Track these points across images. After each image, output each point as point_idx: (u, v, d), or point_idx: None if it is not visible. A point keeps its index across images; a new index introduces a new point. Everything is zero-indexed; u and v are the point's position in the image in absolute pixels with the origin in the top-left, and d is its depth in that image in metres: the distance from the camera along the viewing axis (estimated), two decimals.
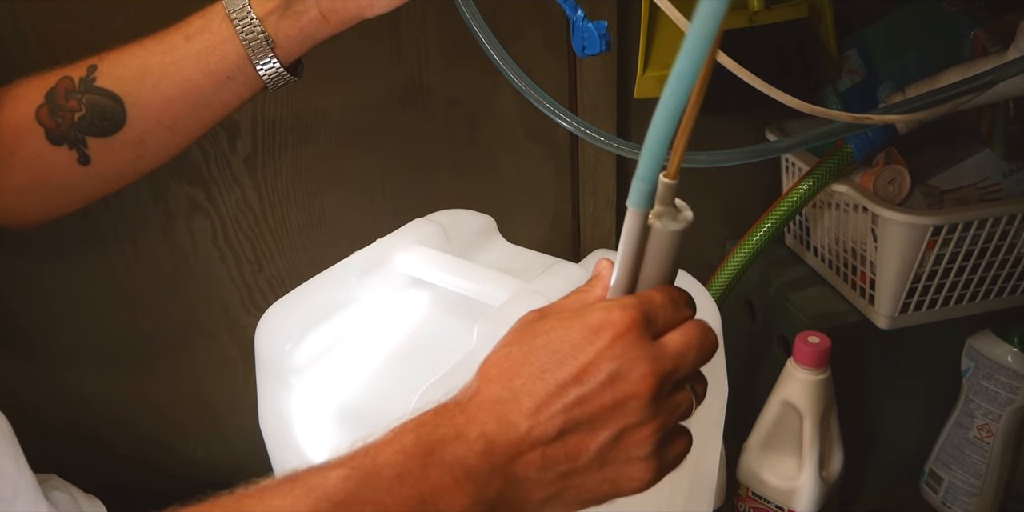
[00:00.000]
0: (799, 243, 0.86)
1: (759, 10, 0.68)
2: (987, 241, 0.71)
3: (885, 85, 0.79)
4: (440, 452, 0.36)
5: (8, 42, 0.65)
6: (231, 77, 0.56)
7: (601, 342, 0.37)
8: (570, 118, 0.58)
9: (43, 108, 0.56)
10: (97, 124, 0.56)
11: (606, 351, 0.37)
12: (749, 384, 0.85)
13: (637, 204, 0.36)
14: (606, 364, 0.37)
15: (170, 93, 0.56)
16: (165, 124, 0.57)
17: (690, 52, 0.30)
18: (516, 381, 0.38)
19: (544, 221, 0.90)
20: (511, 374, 0.38)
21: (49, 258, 0.74)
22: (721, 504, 0.80)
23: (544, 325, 0.39)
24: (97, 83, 0.55)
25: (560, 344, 0.38)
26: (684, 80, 0.31)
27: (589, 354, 0.37)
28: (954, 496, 0.82)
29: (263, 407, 0.57)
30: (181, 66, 0.55)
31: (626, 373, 0.37)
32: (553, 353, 0.38)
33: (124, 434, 0.83)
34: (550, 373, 0.37)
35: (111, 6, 0.66)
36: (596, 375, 0.37)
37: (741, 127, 0.82)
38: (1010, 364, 0.75)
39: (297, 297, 0.55)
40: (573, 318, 0.39)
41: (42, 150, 0.56)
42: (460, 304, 0.56)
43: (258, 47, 0.55)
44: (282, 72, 0.56)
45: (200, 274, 0.79)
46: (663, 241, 0.38)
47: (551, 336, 0.39)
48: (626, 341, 0.37)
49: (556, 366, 0.37)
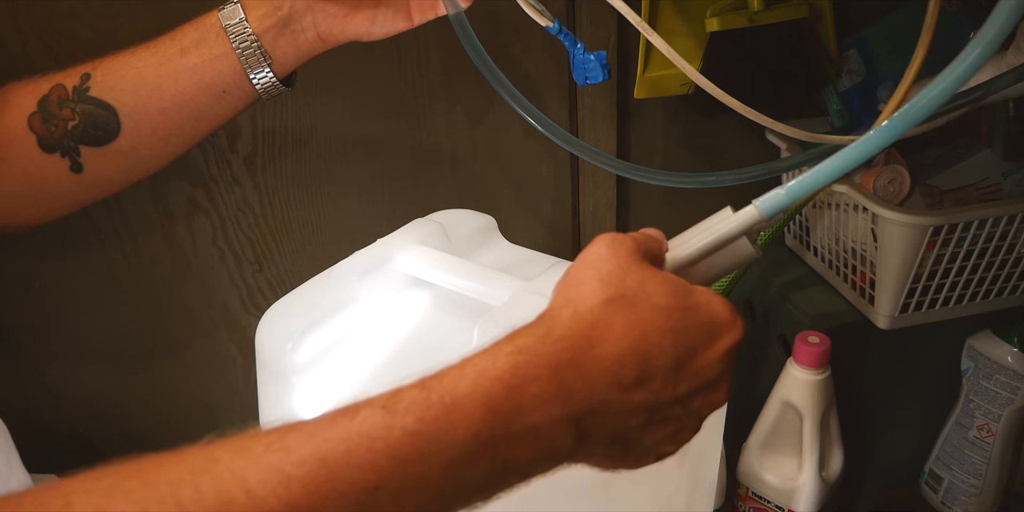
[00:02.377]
0: (799, 243, 0.86)
1: (759, 10, 0.68)
2: (987, 241, 0.71)
3: (885, 85, 0.78)
4: (528, 414, 0.34)
5: (8, 42, 0.65)
6: (227, 91, 0.56)
7: (725, 342, 0.38)
8: (577, 147, 0.57)
9: (36, 116, 0.56)
10: (91, 133, 0.55)
11: (726, 354, 0.38)
12: (749, 384, 0.85)
13: (764, 210, 0.39)
14: (718, 366, 0.38)
15: (165, 105, 0.55)
16: (160, 135, 0.57)
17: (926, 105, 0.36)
18: (644, 346, 0.37)
19: (544, 221, 0.90)
20: (641, 336, 0.37)
21: (48, 257, 0.74)
22: (721, 504, 0.80)
23: (677, 296, 0.38)
24: (91, 93, 0.55)
25: (699, 325, 0.38)
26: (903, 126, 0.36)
27: (716, 349, 0.38)
28: (954, 496, 0.82)
29: (264, 407, 0.57)
30: (177, 79, 0.55)
31: (720, 382, 0.39)
32: (688, 330, 0.38)
33: (123, 435, 0.83)
34: (682, 352, 0.37)
35: (111, 6, 0.66)
36: (707, 373, 0.38)
37: (741, 127, 0.82)
38: (1010, 364, 0.75)
39: (297, 297, 0.55)
40: (706, 303, 0.39)
41: (34, 157, 0.56)
42: (460, 304, 0.56)
43: (255, 63, 0.55)
44: (277, 84, 0.56)
45: (200, 274, 0.79)
46: (737, 252, 0.40)
47: (694, 313, 0.38)
48: (735, 352, 0.39)
49: (687, 349, 0.37)
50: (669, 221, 0.94)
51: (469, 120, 0.81)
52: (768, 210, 0.40)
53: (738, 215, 0.41)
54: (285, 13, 0.54)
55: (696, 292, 0.39)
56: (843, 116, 0.79)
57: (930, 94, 0.36)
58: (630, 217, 0.93)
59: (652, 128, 0.87)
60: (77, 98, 0.55)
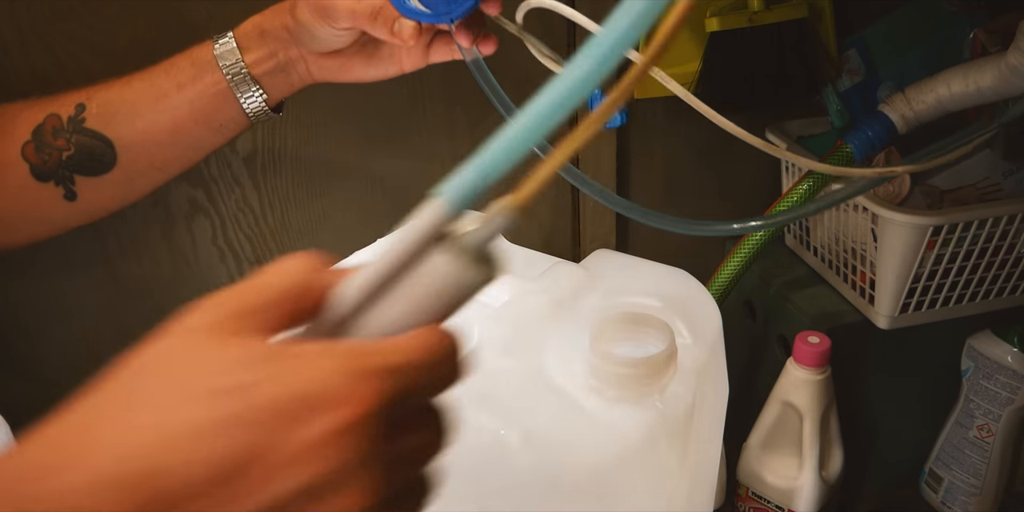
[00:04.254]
0: (799, 243, 0.86)
1: (759, 10, 0.68)
2: (987, 241, 0.71)
3: (885, 85, 0.79)
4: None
5: (8, 42, 0.65)
6: (223, 124, 0.57)
7: (325, 423, 0.24)
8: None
9: (29, 144, 0.55)
10: (86, 164, 0.56)
11: (333, 439, 0.24)
12: (749, 384, 0.85)
13: (454, 199, 0.26)
14: (317, 460, 0.24)
15: (161, 138, 0.56)
16: (156, 166, 0.58)
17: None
18: (147, 464, 0.24)
19: (544, 221, 0.90)
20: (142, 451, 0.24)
21: (47, 257, 0.74)
22: (721, 504, 0.80)
23: (227, 373, 0.25)
24: (87, 124, 0.55)
25: (265, 406, 0.24)
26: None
27: (304, 437, 0.24)
28: (954, 496, 0.82)
29: None
30: (174, 114, 0.55)
31: (345, 482, 0.25)
32: (245, 418, 0.24)
33: None
34: (232, 454, 0.24)
35: (111, 6, 0.66)
36: (297, 473, 0.24)
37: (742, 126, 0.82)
38: (1010, 364, 0.75)
39: None
40: (290, 371, 0.25)
41: (27, 185, 0.56)
42: None
43: (251, 99, 0.56)
44: (268, 112, 0.58)
45: (200, 274, 0.79)
46: (434, 277, 0.25)
47: (255, 392, 0.24)
48: (361, 435, 0.24)
49: (244, 448, 0.24)
50: None
51: (469, 120, 0.81)
52: (460, 197, 0.26)
53: (417, 217, 0.26)
54: (281, 60, 0.56)
55: (279, 358, 0.25)
56: (843, 116, 0.79)
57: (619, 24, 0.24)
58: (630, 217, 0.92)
59: (652, 128, 0.87)
60: (72, 128, 0.55)
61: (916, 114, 0.69)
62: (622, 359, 0.48)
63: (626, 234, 0.92)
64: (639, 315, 0.52)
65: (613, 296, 0.52)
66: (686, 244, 0.93)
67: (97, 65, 0.66)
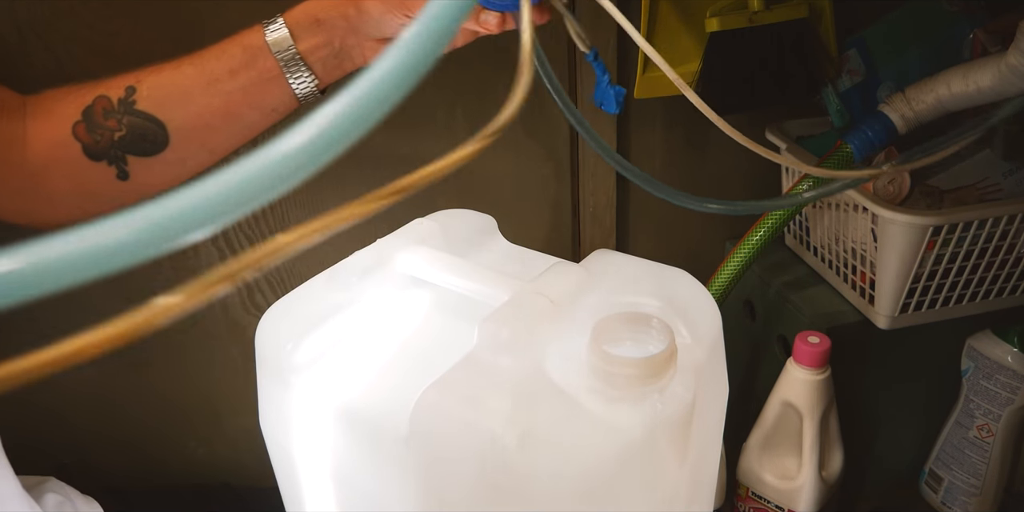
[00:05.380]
0: (799, 243, 0.86)
1: (759, 10, 0.68)
2: (987, 241, 0.71)
3: (885, 85, 0.79)
4: None
5: (8, 42, 0.65)
6: (276, 108, 0.58)
7: None
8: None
9: (80, 124, 0.56)
10: (139, 145, 0.56)
11: None
12: (749, 384, 0.85)
13: None
14: None
15: (214, 122, 0.56)
16: (208, 148, 0.58)
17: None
18: None
19: (544, 221, 0.90)
20: None
21: None
22: (721, 504, 0.80)
23: None
24: (138, 106, 0.56)
25: None
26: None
27: None
28: (954, 496, 0.82)
29: (263, 407, 0.57)
30: (228, 100, 0.56)
31: None
32: None
33: (123, 435, 0.83)
34: None
35: (111, 6, 0.66)
36: None
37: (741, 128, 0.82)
38: (1010, 364, 0.75)
39: (297, 297, 0.55)
40: None
41: (80, 163, 0.56)
42: (461, 304, 0.56)
43: (302, 83, 0.57)
44: (317, 94, 0.58)
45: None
46: None
47: None
48: None
49: None
50: (670, 222, 0.94)
51: (469, 120, 0.81)
52: None
53: None
54: (337, 47, 0.56)
55: None
56: (843, 116, 0.79)
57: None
58: (630, 217, 0.92)
59: (652, 128, 0.87)
60: (124, 110, 0.55)
61: (916, 114, 0.69)
62: (622, 359, 0.48)
63: (626, 234, 0.93)
64: (639, 315, 0.52)
65: (613, 296, 0.52)
66: (686, 244, 0.93)
67: (97, 65, 0.66)
